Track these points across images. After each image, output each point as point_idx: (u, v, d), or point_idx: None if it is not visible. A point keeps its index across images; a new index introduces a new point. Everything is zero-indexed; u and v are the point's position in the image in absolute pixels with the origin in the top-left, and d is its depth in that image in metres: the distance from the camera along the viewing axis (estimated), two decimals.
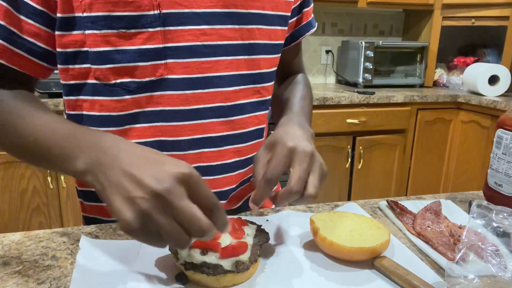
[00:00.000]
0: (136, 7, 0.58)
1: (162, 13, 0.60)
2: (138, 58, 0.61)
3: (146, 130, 0.66)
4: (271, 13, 0.70)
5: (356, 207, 0.73)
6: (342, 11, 2.86)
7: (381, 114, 2.35)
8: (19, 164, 1.88)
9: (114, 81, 0.63)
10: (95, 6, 0.58)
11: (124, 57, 0.61)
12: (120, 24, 0.59)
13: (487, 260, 0.52)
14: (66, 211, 2.01)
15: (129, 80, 0.63)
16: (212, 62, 0.65)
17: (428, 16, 2.72)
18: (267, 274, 0.53)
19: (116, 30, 0.59)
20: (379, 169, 2.46)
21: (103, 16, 0.58)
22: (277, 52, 0.75)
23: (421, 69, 2.72)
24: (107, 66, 0.62)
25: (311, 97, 0.85)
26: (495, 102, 2.23)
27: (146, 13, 0.59)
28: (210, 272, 0.49)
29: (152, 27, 0.60)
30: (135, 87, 0.63)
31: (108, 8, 0.58)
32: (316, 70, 2.93)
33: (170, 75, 0.63)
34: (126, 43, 0.60)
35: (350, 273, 0.54)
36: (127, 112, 0.65)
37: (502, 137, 0.71)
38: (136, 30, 0.60)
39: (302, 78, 0.88)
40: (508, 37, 2.45)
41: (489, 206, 0.59)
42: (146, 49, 0.61)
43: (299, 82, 0.86)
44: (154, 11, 0.59)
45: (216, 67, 0.65)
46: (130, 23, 0.59)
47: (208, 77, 0.65)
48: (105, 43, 0.60)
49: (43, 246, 0.60)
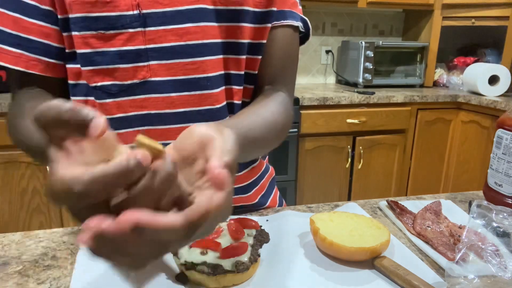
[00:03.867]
0: (113, 7, 0.57)
1: (142, 13, 0.58)
2: (118, 60, 0.59)
3: (130, 135, 0.63)
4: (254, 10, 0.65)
5: (356, 207, 0.73)
6: (342, 11, 2.86)
7: (381, 114, 2.35)
8: (19, 164, 1.88)
9: (94, 83, 0.61)
10: (74, 7, 0.57)
11: (104, 59, 0.59)
12: (98, 25, 0.57)
13: (487, 260, 0.52)
14: (66, 211, 2.01)
15: (110, 83, 0.61)
16: (197, 62, 0.62)
17: (428, 16, 2.72)
18: (267, 274, 0.53)
19: (95, 31, 0.58)
20: (379, 169, 2.46)
21: (82, 18, 0.57)
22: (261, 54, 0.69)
23: (421, 69, 2.72)
24: (89, 68, 0.60)
25: (278, 129, 0.63)
26: (495, 102, 2.23)
27: (125, 13, 0.57)
28: (210, 272, 0.49)
29: (132, 28, 0.58)
30: (117, 90, 0.61)
31: (86, 9, 0.57)
32: (316, 70, 2.92)
33: (153, 77, 0.61)
34: (106, 45, 0.59)
35: (350, 273, 0.54)
36: (111, 117, 0.63)
37: (502, 137, 0.71)
38: (115, 31, 0.58)
39: (275, 103, 0.65)
40: (508, 37, 2.45)
41: (489, 206, 0.59)
42: (126, 50, 0.59)
43: (265, 107, 0.63)
44: (134, 11, 0.57)
45: (203, 68, 0.62)
46: (109, 24, 0.58)
47: (194, 78, 0.62)
48: (85, 45, 0.59)
49: (43, 246, 0.60)
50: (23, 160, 1.88)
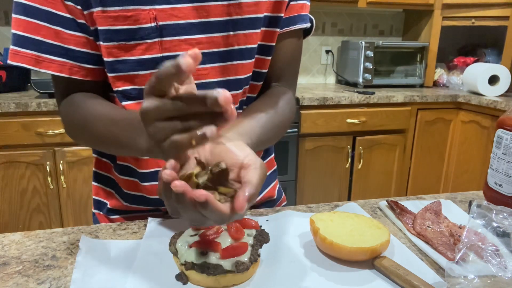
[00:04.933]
0: (134, 21, 0.62)
1: (159, 25, 0.63)
2: (138, 68, 0.65)
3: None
4: (267, 15, 0.70)
5: (356, 207, 0.73)
6: (342, 11, 2.86)
7: (381, 114, 2.35)
8: (19, 164, 1.88)
9: (116, 88, 0.67)
10: (98, 20, 0.62)
11: (125, 67, 0.65)
12: (120, 37, 0.63)
13: (487, 260, 0.52)
14: (66, 211, 2.01)
15: (130, 87, 0.67)
16: (208, 69, 0.68)
17: (428, 16, 2.72)
18: (267, 274, 0.53)
19: (117, 43, 0.63)
20: (379, 169, 2.46)
21: (105, 30, 0.63)
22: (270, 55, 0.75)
23: (421, 69, 2.72)
24: (112, 75, 0.66)
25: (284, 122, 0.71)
26: (495, 102, 2.23)
27: (144, 26, 0.63)
28: (210, 272, 0.49)
29: (150, 39, 0.64)
30: (136, 93, 0.67)
31: (109, 23, 0.62)
32: (316, 70, 2.92)
33: None
34: (127, 54, 0.64)
35: (350, 273, 0.54)
36: None
37: (502, 137, 0.71)
38: (135, 42, 0.64)
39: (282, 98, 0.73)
40: (508, 37, 2.45)
41: (489, 206, 0.59)
42: (145, 59, 0.65)
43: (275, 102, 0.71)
44: (151, 23, 0.63)
45: (213, 74, 0.69)
46: (129, 35, 0.63)
47: (204, 83, 0.68)
48: (108, 54, 0.64)
49: (43, 246, 0.60)
50: (23, 160, 1.88)
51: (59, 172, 1.94)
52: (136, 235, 0.64)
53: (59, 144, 1.90)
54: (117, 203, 0.78)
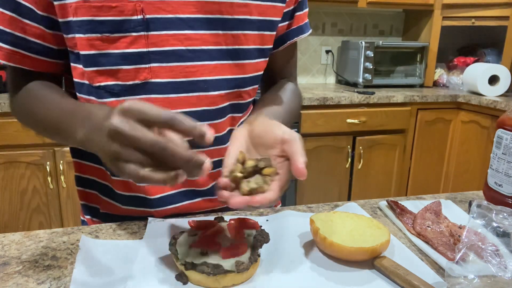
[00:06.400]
0: (119, 12, 0.59)
1: (146, 18, 0.61)
2: (121, 62, 0.62)
3: None
4: (259, 18, 0.70)
5: (356, 207, 0.73)
6: (342, 11, 2.87)
7: (381, 114, 2.35)
8: (19, 164, 1.88)
9: (98, 83, 0.64)
10: (80, 10, 0.59)
11: (108, 61, 0.62)
12: (104, 28, 0.60)
13: (487, 260, 0.52)
14: (66, 211, 2.01)
15: (113, 83, 0.64)
16: (197, 66, 0.66)
17: (428, 16, 2.72)
18: (267, 274, 0.53)
19: (100, 34, 0.61)
20: (379, 169, 2.46)
21: (88, 21, 0.60)
22: (264, 57, 0.75)
23: (421, 69, 2.72)
24: (93, 69, 0.63)
25: (298, 108, 0.82)
26: (495, 102, 2.23)
27: (130, 18, 0.60)
28: (210, 272, 0.49)
29: (135, 32, 0.61)
30: (119, 89, 0.64)
31: (92, 13, 0.59)
32: (316, 70, 2.93)
33: (154, 78, 0.64)
34: (110, 47, 0.61)
35: (350, 273, 0.54)
36: None
37: (502, 137, 0.71)
38: (119, 34, 0.61)
39: (292, 86, 0.83)
40: (508, 37, 2.45)
41: (489, 206, 0.59)
42: (129, 53, 0.62)
43: (287, 89, 0.81)
44: (138, 16, 0.60)
45: (201, 71, 0.66)
46: (113, 27, 0.60)
47: (193, 81, 0.66)
48: (89, 47, 0.61)
49: (43, 246, 0.60)
50: (23, 160, 1.88)
51: (59, 172, 1.94)
52: (136, 235, 0.64)
53: (59, 144, 1.90)
54: (109, 205, 0.74)
